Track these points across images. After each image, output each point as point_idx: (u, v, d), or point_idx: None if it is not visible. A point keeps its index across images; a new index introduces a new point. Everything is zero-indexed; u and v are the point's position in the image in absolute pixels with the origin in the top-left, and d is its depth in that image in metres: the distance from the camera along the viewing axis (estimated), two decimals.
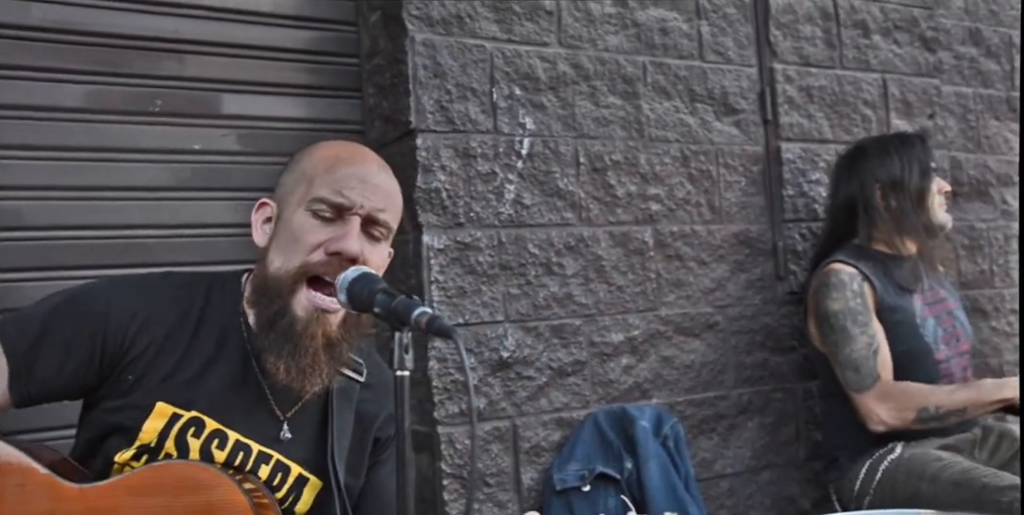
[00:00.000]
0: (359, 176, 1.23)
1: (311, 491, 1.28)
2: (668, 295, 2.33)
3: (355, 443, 1.32)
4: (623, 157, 2.31)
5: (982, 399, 2.05)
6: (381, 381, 1.37)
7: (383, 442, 1.37)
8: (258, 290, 1.25)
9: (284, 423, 1.27)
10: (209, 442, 1.21)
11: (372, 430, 1.35)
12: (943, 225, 2.30)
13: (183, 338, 1.24)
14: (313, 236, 1.20)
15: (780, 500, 2.42)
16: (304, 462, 1.28)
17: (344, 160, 1.25)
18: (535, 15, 2.23)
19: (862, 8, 2.76)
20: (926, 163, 2.26)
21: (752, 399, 2.43)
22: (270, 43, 2.19)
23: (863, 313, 2.15)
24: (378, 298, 1.06)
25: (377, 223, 1.23)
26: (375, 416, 1.35)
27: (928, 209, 2.25)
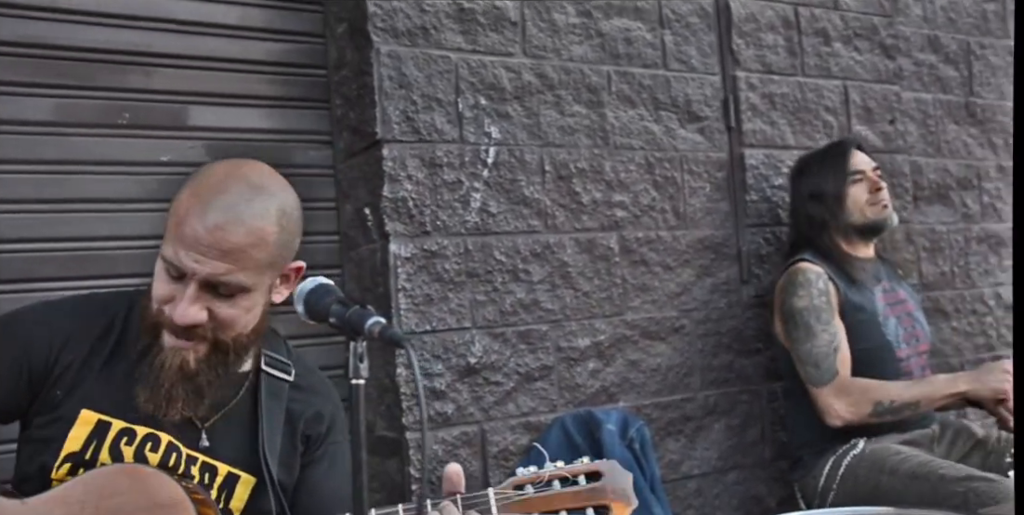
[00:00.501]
0: (205, 235, 1.17)
1: (244, 488, 1.31)
2: (634, 300, 2.37)
3: (286, 441, 1.35)
4: (588, 165, 2.36)
5: (935, 393, 2.11)
6: (310, 382, 1.41)
7: (314, 440, 1.39)
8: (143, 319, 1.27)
9: (202, 431, 1.29)
10: (143, 446, 1.25)
11: (300, 427, 1.38)
12: (876, 222, 2.35)
13: (106, 350, 1.28)
14: (162, 290, 1.22)
15: (747, 500, 2.46)
16: (234, 461, 1.30)
17: (197, 212, 1.18)
18: (499, 26, 2.27)
19: (823, 16, 2.82)
20: (841, 168, 2.34)
21: (718, 401, 2.47)
22: (238, 55, 2.22)
23: (827, 311, 2.20)
24: (333, 309, 1.09)
25: (222, 284, 1.20)
26: (303, 415, 1.38)
27: (850, 211, 2.32)
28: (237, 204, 1.19)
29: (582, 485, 1.19)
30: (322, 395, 1.42)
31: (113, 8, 2.06)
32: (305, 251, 2.24)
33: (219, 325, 1.22)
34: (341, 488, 1.38)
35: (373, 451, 2.12)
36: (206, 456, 1.29)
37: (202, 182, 1.23)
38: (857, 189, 2.34)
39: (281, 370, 1.36)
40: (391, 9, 2.13)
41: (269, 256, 1.22)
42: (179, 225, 1.19)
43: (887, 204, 2.36)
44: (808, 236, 2.35)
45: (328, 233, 2.27)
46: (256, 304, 1.26)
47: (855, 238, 2.36)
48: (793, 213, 2.47)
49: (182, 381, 1.22)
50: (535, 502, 1.18)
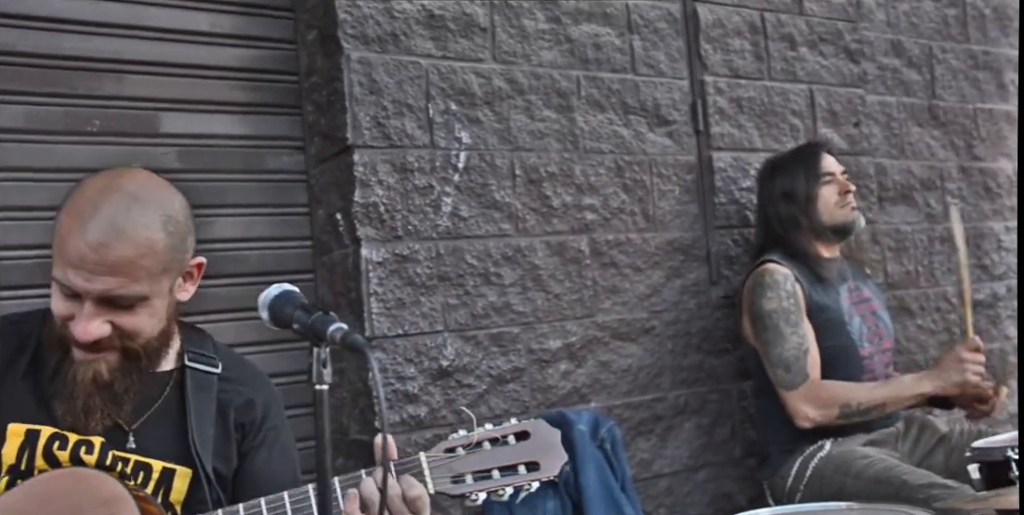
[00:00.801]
0: (89, 253, 1.16)
1: (182, 480, 1.31)
2: (604, 302, 2.41)
3: (219, 431, 1.36)
4: (558, 169, 2.39)
5: (900, 394, 2.17)
6: (239, 373, 1.43)
7: (249, 428, 1.40)
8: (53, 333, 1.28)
9: (130, 434, 1.30)
10: (77, 449, 1.26)
11: (232, 416, 1.39)
12: (845, 223, 2.39)
13: (22, 365, 1.29)
14: (60, 309, 1.23)
15: (717, 497, 2.51)
16: (166, 456, 1.31)
17: (77, 230, 1.18)
18: (469, 32, 2.30)
19: (789, 22, 2.87)
20: (812, 170, 2.39)
21: (689, 400, 2.51)
22: (210, 62, 2.23)
23: (795, 313, 2.25)
24: (296, 315, 1.11)
25: (115, 297, 1.20)
26: (233, 403, 1.39)
27: (820, 212, 2.36)
28: (117, 217, 1.18)
29: (511, 444, 1.24)
30: (252, 384, 1.43)
31: (83, 15, 2.07)
32: (278, 255, 2.28)
33: (124, 335, 1.24)
34: (283, 473, 1.41)
35: (348, 454, 2.14)
36: (138, 456, 1.30)
37: (78, 198, 1.22)
38: (828, 190, 2.39)
39: (207, 364, 1.38)
40: (361, 16, 2.15)
41: (161, 263, 1.22)
42: (62, 245, 1.19)
43: (855, 207, 2.41)
44: (777, 236, 2.39)
45: (301, 238, 2.28)
46: (159, 308, 1.26)
47: (824, 239, 2.40)
48: (762, 214, 2.50)
49: (98, 392, 1.24)
50: (466, 462, 1.23)
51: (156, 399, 1.33)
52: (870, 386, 2.20)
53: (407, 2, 2.22)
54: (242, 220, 2.22)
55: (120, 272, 1.18)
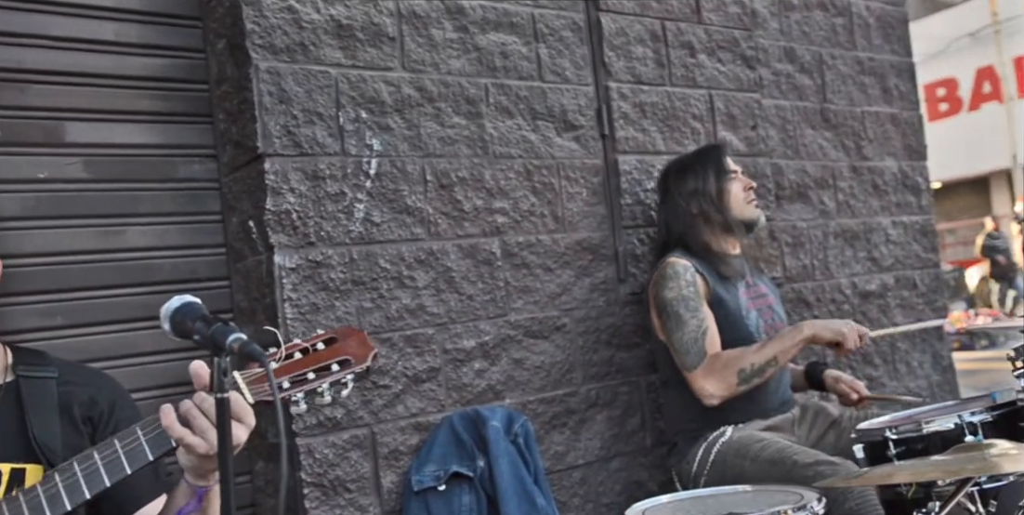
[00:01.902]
0: None
1: (35, 475, 1.35)
2: (517, 301, 2.49)
3: (67, 427, 1.42)
4: (469, 174, 2.46)
5: (784, 345, 2.28)
6: (77, 374, 1.49)
7: (98, 420, 1.46)
8: None
9: None
10: None
11: (77, 412, 1.44)
12: (752, 219, 2.53)
13: None
14: None
15: (629, 485, 2.62)
16: (13, 458, 1.36)
17: None
18: (378, 41, 2.36)
19: (688, 30, 3.01)
20: (720, 167, 2.52)
21: (600, 394, 2.62)
22: (116, 71, 2.23)
23: (694, 299, 2.37)
24: (196, 326, 1.15)
25: None
26: (75, 400, 1.45)
27: (729, 207, 2.49)
28: None
29: (321, 349, 1.32)
30: (93, 383, 1.50)
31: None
32: (193, 263, 2.29)
33: None
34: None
35: (267, 457, 2.17)
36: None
37: None
38: (735, 186, 2.52)
39: (41, 372, 1.44)
40: (268, 26, 2.19)
41: None
42: None
43: (757, 204, 2.56)
44: (679, 235, 2.51)
45: (215, 246, 2.30)
46: None
47: (732, 233, 2.51)
48: (665, 214, 2.58)
49: None
50: (279, 371, 1.28)
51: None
52: (755, 346, 2.31)
53: (315, 12, 2.26)
54: (155, 229, 2.23)
55: None
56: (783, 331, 2.36)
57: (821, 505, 1.68)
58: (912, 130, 3.76)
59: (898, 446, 1.92)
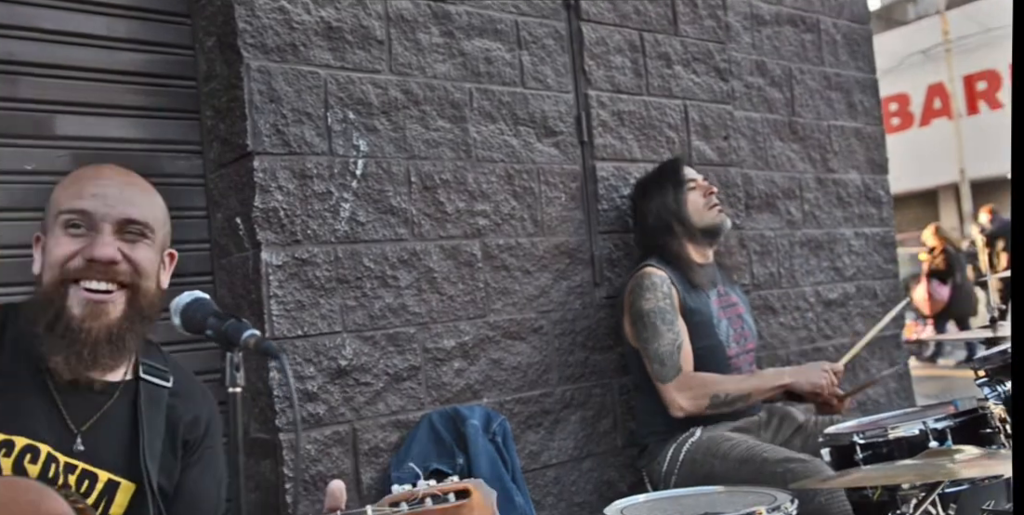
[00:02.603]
0: (100, 186, 1.34)
1: (124, 495, 1.35)
2: (496, 303, 2.54)
3: (166, 447, 1.41)
4: (452, 176, 2.51)
5: (763, 386, 2.40)
6: (188, 388, 1.47)
7: (192, 445, 1.45)
8: (37, 308, 1.33)
9: (78, 436, 1.33)
10: (22, 458, 1.27)
11: (180, 433, 1.44)
12: (715, 224, 2.62)
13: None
14: (67, 247, 1.31)
15: (600, 485, 2.68)
16: (114, 468, 1.34)
17: (84, 177, 1.38)
18: (367, 44, 2.39)
19: (665, 42, 3.09)
20: (677, 180, 2.62)
21: (574, 395, 2.68)
22: (105, 65, 2.23)
23: (670, 312, 2.44)
24: (209, 321, 1.19)
25: (131, 223, 1.34)
26: (183, 420, 1.44)
27: (690, 215, 2.59)
28: (127, 171, 1.44)
29: (451, 502, 1.27)
30: (199, 401, 1.48)
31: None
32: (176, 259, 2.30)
33: (135, 267, 1.32)
34: (211, 491, 1.46)
35: (248, 453, 2.18)
36: (86, 463, 1.32)
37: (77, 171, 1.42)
38: (694, 195, 2.62)
39: (159, 377, 1.42)
40: (260, 25, 2.21)
41: (161, 216, 1.41)
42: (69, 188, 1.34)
43: (721, 209, 2.64)
44: (654, 246, 2.60)
45: (199, 241, 2.31)
46: (155, 261, 1.38)
47: (697, 243, 2.61)
48: (640, 227, 2.72)
49: (108, 340, 1.30)
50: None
51: (103, 404, 1.35)
52: (737, 378, 2.42)
53: (306, 13, 2.29)
54: None
55: (135, 203, 1.36)
56: (765, 372, 2.48)
57: (794, 506, 1.75)
58: (875, 144, 3.89)
59: (865, 450, 2.00)
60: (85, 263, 1.29)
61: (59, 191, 1.36)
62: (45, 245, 1.34)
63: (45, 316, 1.30)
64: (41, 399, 1.32)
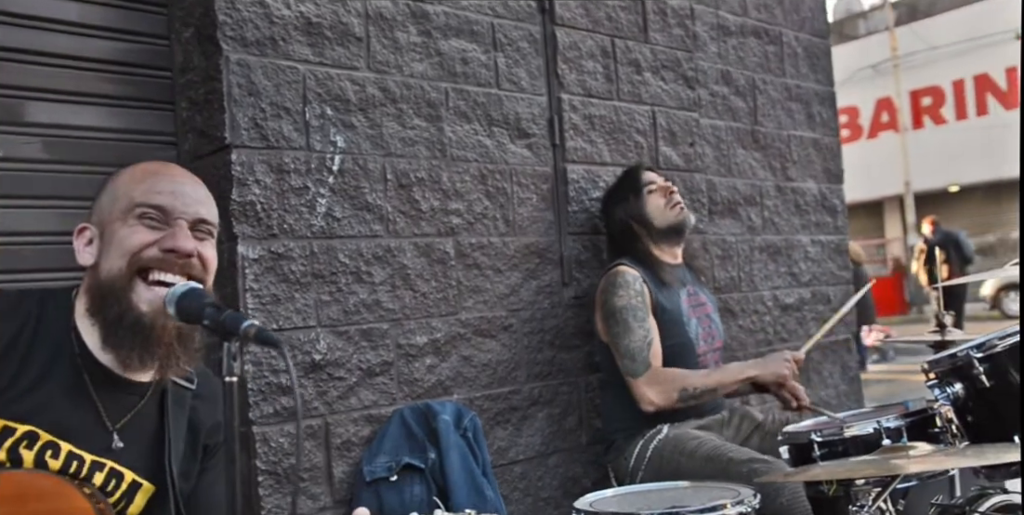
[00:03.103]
0: (177, 185, 1.36)
1: (144, 496, 1.35)
2: (468, 300, 2.57)
3: (188, 450, 1.41)
4: (427, 175, 2.53)
5: (728, 379, 2.46)
6: (211, 390, 1.46)
7: (211, 449, 1.46)
8: (95, 298, 1.31)
9: (114, 433, 1.32)
10: (43, 453, 1.25)
11: (202, 438, 1.44)
12: (676, 222, 2.68)
13: (17, 355, 1.27)
14: (143, 237, 1.31)
15: (566, 481, 2.72)
16: (138, 469, 1.34)
17: (159, 173, 1.38)
18: (345, 40, 2.40)
19: (635, 49, 3.16)
20: (637, 185, 2.70)
21: (542, 392, 2.72)
22: (77, 52, 2.21)
23: (642, 309, 2.50)
24: (207, 311, 1.19)
25: (203, 222, 1.36)
26: (205, 424, 1.44)
27: (652, 217, 2.66)
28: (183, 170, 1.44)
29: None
30: (218, 403, 1.42)
31: None
32: None
33: (204, 264, 1.33)
34: (219, 497, 1.41)
35: None
36: (115, 462, 1.31)
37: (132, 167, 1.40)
38: (653, 198, 2.69)
39: (185, 379, 1.41)
40: (240, 19, 2.21)
41: (216, 216, 1.42)
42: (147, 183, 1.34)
43: (683, 207, 2.71)
44: (625, 246, 2.66)
45: None
46: (215, 256, 1.40)
47: (664, 243, 2.68)
48: (609, 234, 2.81)
49: (177, 339, 1.30)
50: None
51: (136, 404, 1.35)
52: (703, 372, 2.49)
53: (286, 8, 2.29)
54: None
55: (205, 204, 1.39)
56: (730, 365, 2.55)
57: (757, 500, 1.82)
58: (831, 155, 4.02)
59: (822, 448, 2.08)
60: (162, 253, 1.29)
61: (127, 184, 1.35)
62: (108, 234, 1.32)
63: (107, 306, 1.28)
64: (76, 394, 1.30)
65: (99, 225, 1.35)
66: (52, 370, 1.29)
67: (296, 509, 1.96)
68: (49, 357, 1.29)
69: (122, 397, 1.34)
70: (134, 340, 1.28)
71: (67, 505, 1.22)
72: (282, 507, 2.09)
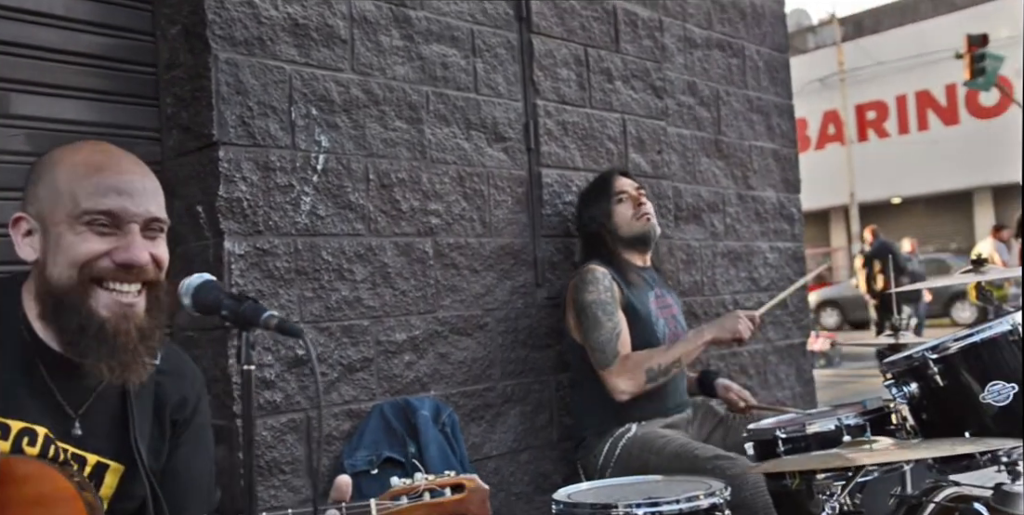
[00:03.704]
0: (125, 183, 1.28)
1: (113, 476, 1.34)
2: (445, 299, 2.63)
3: (155, 428, 1.40)
4: (408, 175, 2.58)
5: (689, 347, 2.55)
6: (176, 365, 1.45)
7: (180, 424, 1.44)
8: (47, 304, 1.28)
9: (76, 420, 1.32)
10: (19, 440, 1.25)
11: (167, 413, 1.42)
12: (641, 233, 2.76)
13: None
14: (93, 246, 1.26)
15: (537, 476, 2.79)
16: (102, 450, 1.33)
17: (101, 168, 1.29)
18: (331, 42, 2.44)
19: (607, 58, 3.25)
20: (607, 193, 2.78)
21: (515, 390, 2.78)
22: (63, 46, 2.22)
23: (611, 304, 2.59)
24: (225, 302, 1.22)
25: (154, 221, 1.32)
26: (171, 399, 1.43)
27: (618, 226, 2.74)
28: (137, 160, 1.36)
29: (448, 496, 1.36)
30: (188, 379, 1.47)
31: None
32: None
33: (158, 265, 1.31)
34: (204, 470, 1.47)
35: None
36: (75, 447, 1.30)
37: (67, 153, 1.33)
38: (622, 207, 2.77)
39: None
40: (229, 18, 2.24)
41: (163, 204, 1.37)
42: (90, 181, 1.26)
43: (650, 217, 2.79)
44: (595, 248, 2.75)
45: None
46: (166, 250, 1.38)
47: (630, 249, 2.77)
48: (581, 234, 2.90)
49: (140, 340, 1.28)
50: (408, 511, 1.33)
51: (96, 386, 1.33)
52: (662, 348, 2.57)
53: (273, 9, 2.33)
54: None
55: (155, 197, 1.31)
56: (687, 334, 2.63)
57: (728, 492, 1.91)
58: (789, 165, 4.17)
59: (786, 444, 2.19)
60: (115, 266, 1.26)
61: (70, 179, 1.27)
62: (54, 237, 1.27)
63: (65, 316, 1.26)
64: (33, 382, 1.29)
65: (39, 219, 1.30)
66: (13, 362, 1.28)
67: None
68: (5, 349, 1.28)
69: (79, 382, 1.31)
70: (100, 350, 1.26)
71: (51, 486, 1.23)
72: (264, 499, 2.12)
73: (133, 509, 1.35)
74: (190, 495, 1.42)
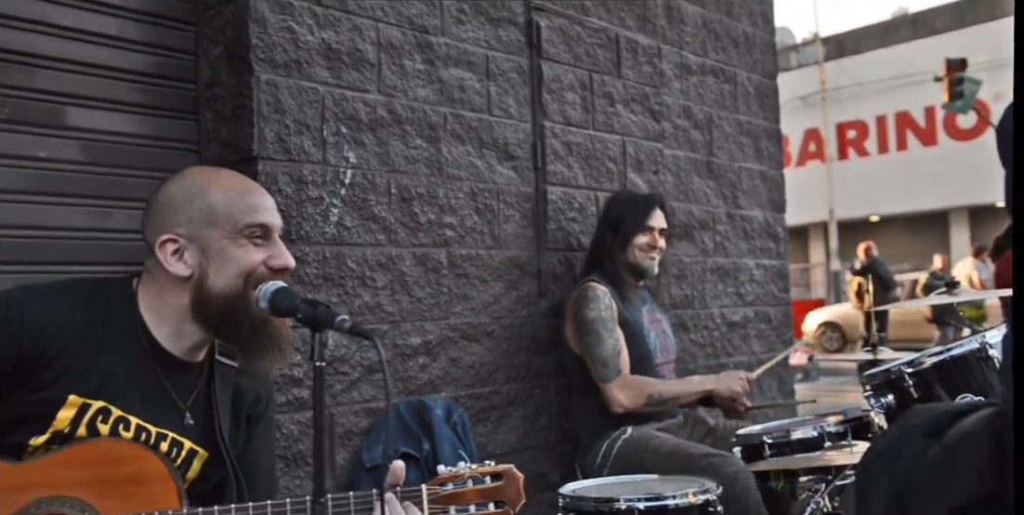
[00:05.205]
0: (266, 201, 1.53)
1: (199, 462, 1.52)
2: (456, 306, 2.81)
3: (233, 422, 1.58)
4: (426, 190, 2.77)
5: (691, 390, 2.78)
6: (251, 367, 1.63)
7: (253, 419, 1.63)
8: (209, 312, 1.46)
9: (186, 411, 1.50)
10: (116, 426, 1.42)
11: (244, 409, 1.61)
12: (643, 268, 2.93)
13: (92, 341, 1.43)
14: (255, 256, 1.47)
15: (535, 476, 2.98)
16: (196, 439, 1.51)
17: (247, 190, 1.52)
18: (360, 66, 2.63)
19: (609, 83, 3.46)
20: (641, 218, 2.92)
21: (517, 393, 2.97)
22: (115, 64, 2.39)
23: (611, 321, 2.78)
24: (301, 307, 1.38)
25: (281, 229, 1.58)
26: (247, 397, 1.61)
27: (629, 252, 2.91)
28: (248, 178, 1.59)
29: (488, 484, 1.50)
30: (260, 378, 1.66)
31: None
32: None
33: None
34: (266, 463, 1.66)
35: None
36: (177, 434, 1.48)
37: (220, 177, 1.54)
38: (643, 238, 2.94)
39: (229, 357, 1.59)
40: (271, 42, 2.42)
41: None
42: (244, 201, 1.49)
43: (655, 258, 2.97)
44: (598, 260, 2.94)
45: None
46: None
47: (629, 273, 2.96)
48: (595, 241, 3.03)
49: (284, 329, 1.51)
50: (454, 496, 1.48)
51: (196, 383, 1.53)
52: (669, 382, 2.80)
53: (310, 34, 2.51)
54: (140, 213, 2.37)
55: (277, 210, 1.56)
56: (693, 378, 2.89)
57: (719, 490, 2.10)
58: (776, 186, 4.39)
59: (771, 448, 2.38)
60: (270, 272, 1.47)
61: (228, 202, 1.47)
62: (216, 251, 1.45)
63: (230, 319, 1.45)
64: (146, 376, 1.47)
65: (193, 239, 1.46)
66: (122, 355, 1.45)
67: None
68: (119, 344, 1.45)
69: (186, 379, 1.51)
70: (267, 344, 1.48)
71: (146, 466, 1.40)
72: (290, 488, 2.29)
73: (208, 490, 1.53)
74: (259, 483, 1.59)
